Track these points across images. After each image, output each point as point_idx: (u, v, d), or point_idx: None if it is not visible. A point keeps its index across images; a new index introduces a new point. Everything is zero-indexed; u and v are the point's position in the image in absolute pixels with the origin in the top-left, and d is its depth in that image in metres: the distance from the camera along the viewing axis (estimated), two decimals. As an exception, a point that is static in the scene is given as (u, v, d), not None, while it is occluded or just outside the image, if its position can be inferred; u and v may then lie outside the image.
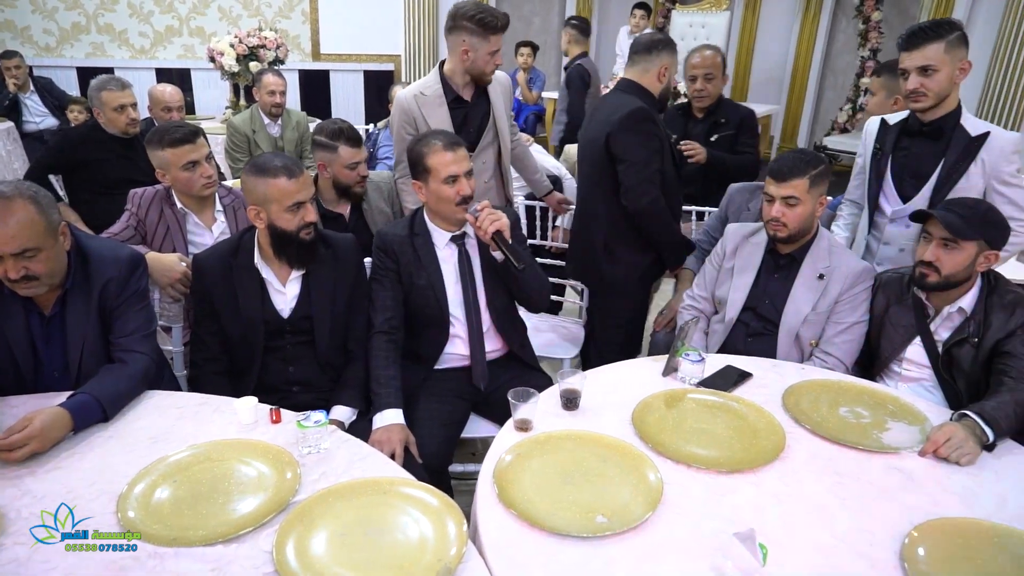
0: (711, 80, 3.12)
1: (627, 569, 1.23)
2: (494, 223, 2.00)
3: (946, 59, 2.03)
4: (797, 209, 2.05)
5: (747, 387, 1.87)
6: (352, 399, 2.00)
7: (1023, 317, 1.83)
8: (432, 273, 2.12)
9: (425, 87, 2.67)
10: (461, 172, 2.03)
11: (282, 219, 1.88)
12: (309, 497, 1.36)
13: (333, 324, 2.03)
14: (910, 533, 1.31)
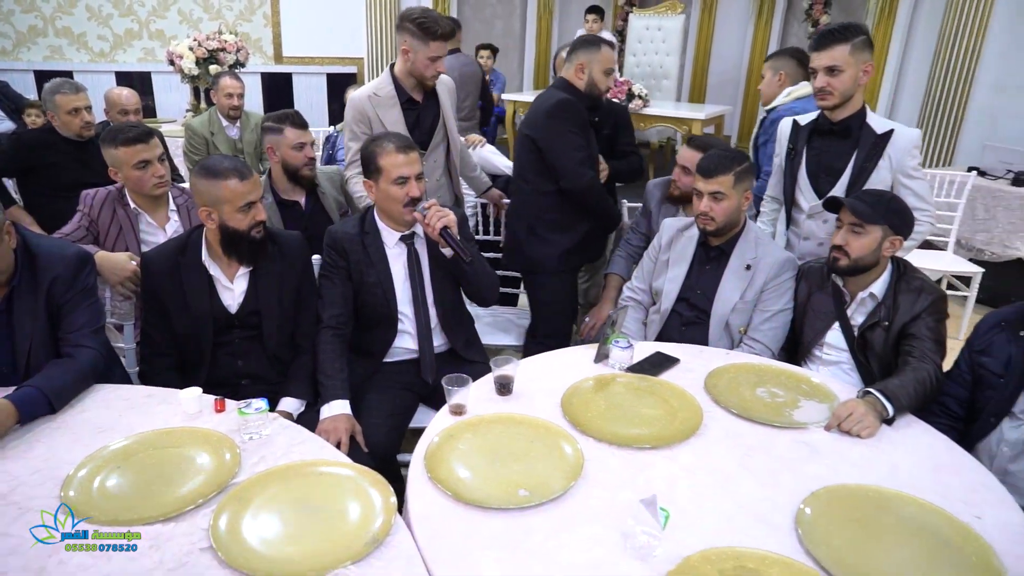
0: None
1: (544, 536, 1.33)
2: (441, 219, 2.08)
3: (851, 60, 2.18)
4: (724, 203, 2.17)
5: (674, 371, 1.98)
6: (300, 391, 2.07)
7: (927, 301, 1.96)
8: (381, 271, 2.19)
9: (378, 88, 2.74)
10: (411, 174, 2.11)
11: (234, 219, 1.94)
12: (247, 479, 1.44)
13: (281, 319, 2.10)
14: (806, 499, 1.42)
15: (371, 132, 2.69)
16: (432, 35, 2.57)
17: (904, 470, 1.56)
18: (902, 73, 6.25)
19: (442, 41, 2.60)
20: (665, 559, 1.26)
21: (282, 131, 2.63)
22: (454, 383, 1.72)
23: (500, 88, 6.31)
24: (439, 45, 2.60)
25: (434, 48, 2.60)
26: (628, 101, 5.50)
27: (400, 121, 2.71)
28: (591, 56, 2.63)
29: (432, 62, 2.62)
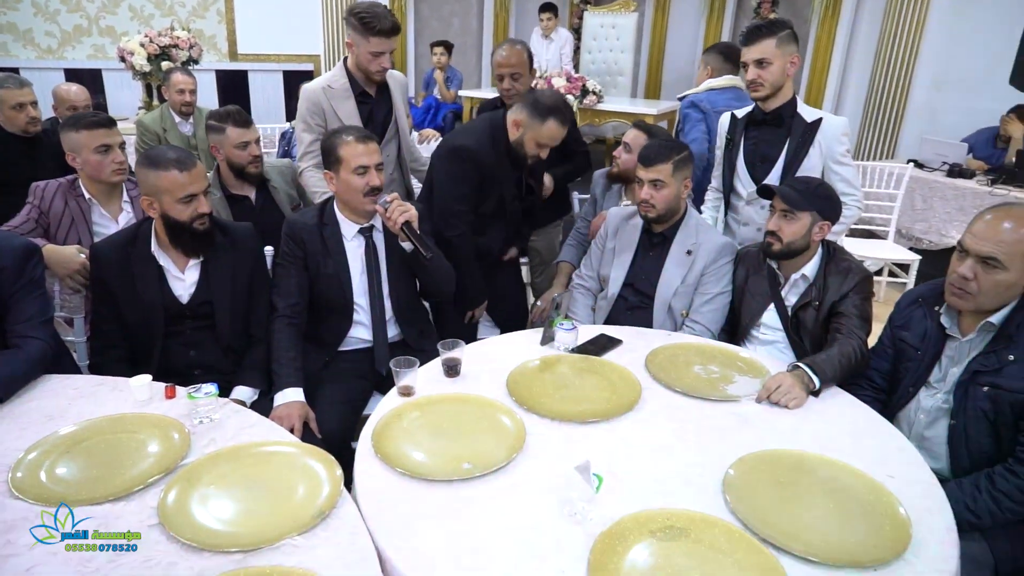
0: (518, 79, 2.94)
1: (485, 503, 1.39)
2: (403, 214, 2.12)
3: (777, 53, 2.31)
4: (664, 191, 2.26)
5: (616, 352, 2.06)
6: (253, 380, 2.10)
7: (854, 281, 2.08)
8: (339, 263, 2.22)
9: (332, 81, 2.77)
10: (371, 164, 2.14)
11: (174, 210, 1.96)
12: (195, 461, 1.47)
13: (233, 309, 2.12)
14: (732, 464, 1.51)
15: (325, 124, 2.73)
16: (371, 30, 2.59)
17: (826, 437, 1.66)
18: (846, 70, 6.47)
19: (383, 37, 2.61)
20: (599, 522, 1.33)
21: (224, 130, 2.64)
22: (402, 365, 1.77)
23: (457, 85, 6.35)
24: (379, 41, 2.62)
25: (374, 43, 2.62)
26: (582, 97, 5.59)
27: (354, 113, 2.74)
28: (535, 127, 2.46)
29: (374, 57, 2.64)
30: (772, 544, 1.28)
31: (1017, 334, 1.66)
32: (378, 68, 2.68)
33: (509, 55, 2.92)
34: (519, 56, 2.92)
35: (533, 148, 2.51)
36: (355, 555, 1.25)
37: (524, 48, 2.96)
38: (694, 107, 3.21)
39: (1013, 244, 1.61)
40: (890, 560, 1.26)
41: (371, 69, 2.68)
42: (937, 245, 4.62)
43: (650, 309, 2.40)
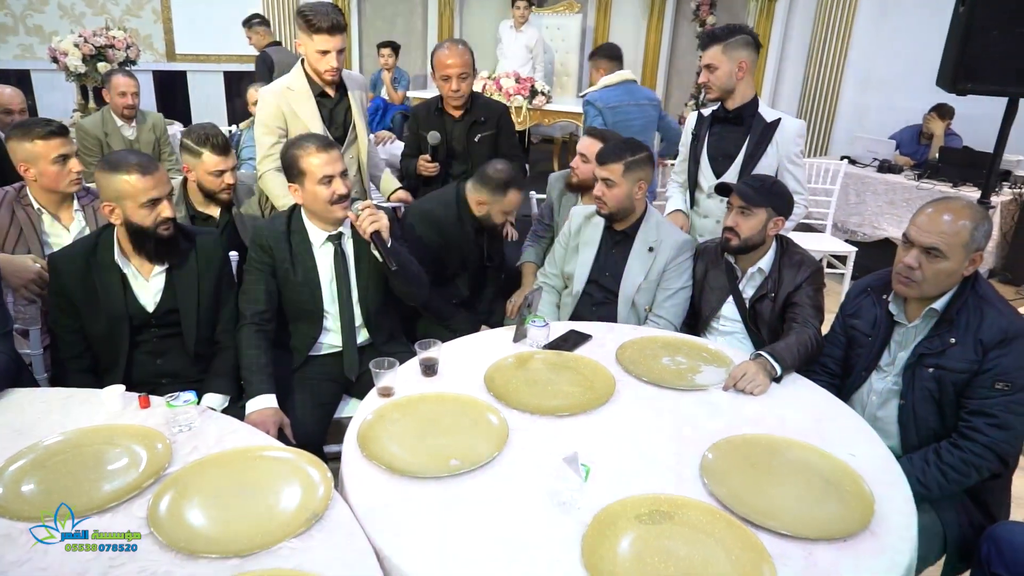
0: (466, 79, 2.97)
1: (475, 499, 1.43)
2: (373, 224, 2.10)
3: (723, 58, 2.47)
4: (614, 190, 2.34)
5: (587, 347, 2.12)
6: (223, 387, 2.07)
7: (806, 273, 2.19)
8: (308, 270, 2.20)
9: (291, 82, 2.75)
10: (336, 172, 2.11)
11: (137, 215, 1.92)
12: (181, 468, 1.46)
13: (200, 316, 2.09)
14: (708, 449, 1.59)
15: (286, 126, 2.70)
16: (314, 28, 2.58)
17: (791, 420, 1.76)
18: (781, 71, 6.73)
19: (327, 35, 2.59)
20: (587, 510, 1.38)
21: (200, 155, 2.51)
22: (381, 366, 1.78)
23: (404, 86, 6.33)
24: (323, 39, 2.59)
25: (319, 42, 2.60)
26: (531, 98, 5.66)
27: (315, 115, 2.72)
28: (499, 201, 2.59)
29: (321, 56, 2.62)
30: (750, 522, 1.35)
31: (957, 318, 1.79)
32: (327, 67, 2.65)
33: (457, 56, 2.92)
34: (465, 57, 2.94)
35: (501, 217, 2.66)
36: (353, 554, 1.27)
37: (467, 48, 2.99)
38: (591, 105, 3.63)
39: (952, 235, 1.74)
40: (857, 531, 1.35)
41: (319, 68, 2.66)
42: (871, 237, 4.87)
43: (614, 305, 2.47)
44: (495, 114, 3.18)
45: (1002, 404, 1.71)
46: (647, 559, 1.26)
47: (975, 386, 1.74)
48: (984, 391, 1.73)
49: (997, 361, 1.72)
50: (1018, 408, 1.72)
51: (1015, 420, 1.72)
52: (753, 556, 1.27)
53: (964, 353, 1.76)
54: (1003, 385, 1.71)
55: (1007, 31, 2.64)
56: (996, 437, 1.71)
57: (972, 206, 1.80)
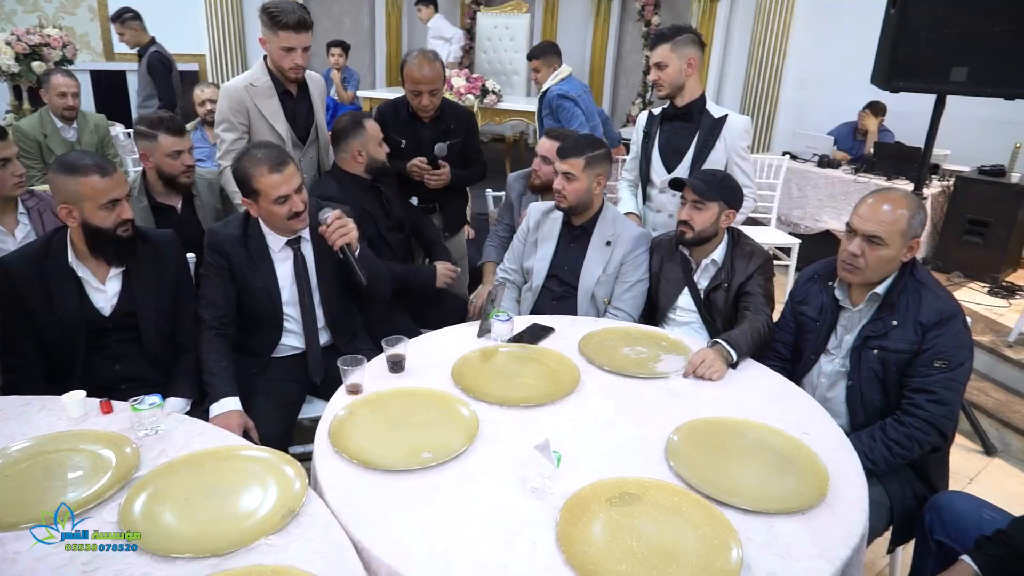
0: (436, 94, 2.97)
1: (450, 489, 1.45)
2: (343, 236, 2.10)
3: (672, 57, 2.55)
4: (575, 184, 2.39)
5: (550, 340, 2.17)
6: (184, 390, 2.05)
7: (757, 264, 2.29)
8: (267, 275, 2.17)
9: (254, 79, 2.72)
10: (291, 191, 2.06)
11: (97, 217, 1.88)
12: (151, 471, 1.44)
13: (159, 319, 2.05)
14: (670, 435, 1.65)
15: (249, 122, 2.68)
16: (278, 24, 2.56)
17: (747, 403, 1.84)
18: (724, 71, 6.93)
19: (292, 32, 2.58)
20: (559, 495, 1.43)
21: (156, 137, 2.49)
22: (349, 363, 1.79)
23: (354, 85, 6.28)
24: (288, 35, 2.58)
25: (283, 38, 2.58)
26: (483, 97, 5.69)
27: (279, 111, 2.71)
28: (362, 139, 2.67)
29: (286, 53, 2.61)
30: (715, 500, 1.42)
31: (898, 302, 1.90)
32: (291, 65, 2.64)
33: (428, 71, 2.88)
34: (436, 72, 2.91)
35: (378, 149, 2.72)
36: (331, 548, 1.28)
37: (438, 61, 2.96)
38: (566, 99, 3.73)
39: (891, 224, 1.85)
40: (814, 504, 1.43)
41: (284, 66, 2.65)
42: (812, 229, 5.06)
43: (574, 299, 2.53)
44: (464, 122, 3.19)
45: (941, 381, 1.83)
46: (619, 539, 1.31)
47: (916, 365, 1.86)
48: (924, 369, 1.84)
49: (935, 341, 1.83)
50: (955, 384, 1.84)
51: (952, 396, 1.84)
52: (719, 531, 1.33)
53: (905, 334, 1.86)
54: (941, 363, 1.83)
55: (933, 32, 2.80)
56: (936, 412, 1.82)
57: (909, 196, 1.91)
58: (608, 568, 1.23)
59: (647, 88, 7.06)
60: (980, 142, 5.05)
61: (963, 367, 1.85)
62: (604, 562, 1.25)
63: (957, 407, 1.89)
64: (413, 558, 1.27)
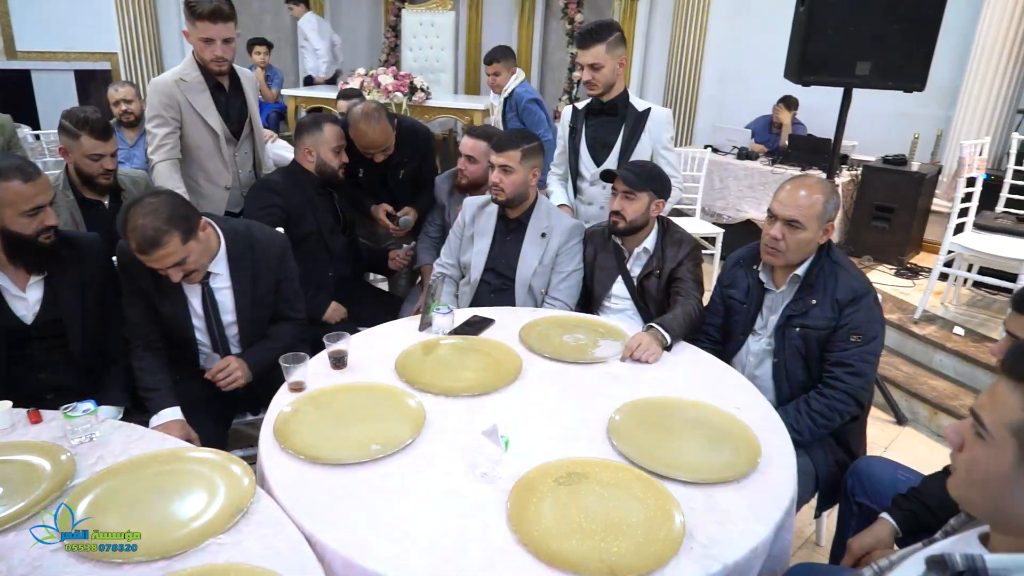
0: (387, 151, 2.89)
1: (401, 479, 1.47)
2: (231, 385, 2.03)
3: (608, 57, 2.61)
4: (512, 176, 2.44)
5: (491, 330, 2.21)
6: (116, 398, 1.98)
7: (686, 250, 2.39)
8: (177, 304, 2.05)
9: (184, 73, 2.65)
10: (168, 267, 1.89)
11: (18, 224, 1.79)
12: (89, 478, 1.40)
13: (86, 326, 1.98)
14: (612, 415, 1.71)
15: (181, 117, 2.61)
16: (195, 14, 2.51)
17: (683, 382, 1.92)
18: (646, 67, 7.11)
19: (208, 22, 2.52)
20: (508, 478, 1.46)
21: (78, 137, 2.41)
22: (291, 361, 1.78)
23: (278, 84, 6.14)
24: (206, 25, 2.52)
25: (201, 28, 2.53)
26: (411, 95, 5.66)
27: (211, 105, 2.65)
28: (315, 139, 2.66)
29: (205, 44, 2.56)
30: (657, 474, 1.48)
31: (816, 282, 2.03)
32: (212, 56, 2.58)
33: (373, 135, 2.77)
34: (384, 132, 2.80)
35: (331, 156, 2.68)
36: (284, 543, 1.28)
37: (383, 117, 2.81)
38: (535, 102, 3.80)
39: (808, 208, 1.97)
40: (748, 473, 1.52)
41: (205, 57, 2.59)
42: (735, 219, 5.27)
43: (511, 291, 2.57)
44: (419, 150, 3.13)
45: (856, 354, 1.96)
46: (568, 517, 1.35)
47: (834, 340, 1.98)
48: (842, 344, 1.97)
49: (850, 317, 1.96)
50: (869, 357, 1.98)
51: (867, 368, 1.98)
52: (662, 503, 1.39)
53: (824, 312, 1.99)
54: (856, 338, 1.96)
55: (839, 29, 2.97)
56: (854, 384, 1.95)
57: (823, 182, 2.04)
58: (559, 545, 1.28)
59: (573, 84, 7.17)
60: (884, 133, 5.37)
61: (876, 340, 1.99)
62: (555, 539, 1.29)
63: (872, 378, 2.03)
64: (368, 547, 1.28)
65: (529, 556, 1.26)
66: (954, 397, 3.33)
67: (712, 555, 1.29)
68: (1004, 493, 0.89)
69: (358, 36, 7.97)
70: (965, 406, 3.23)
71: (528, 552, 1.26)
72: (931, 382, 3.48)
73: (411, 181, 3.14)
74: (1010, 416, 0.88)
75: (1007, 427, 0.88)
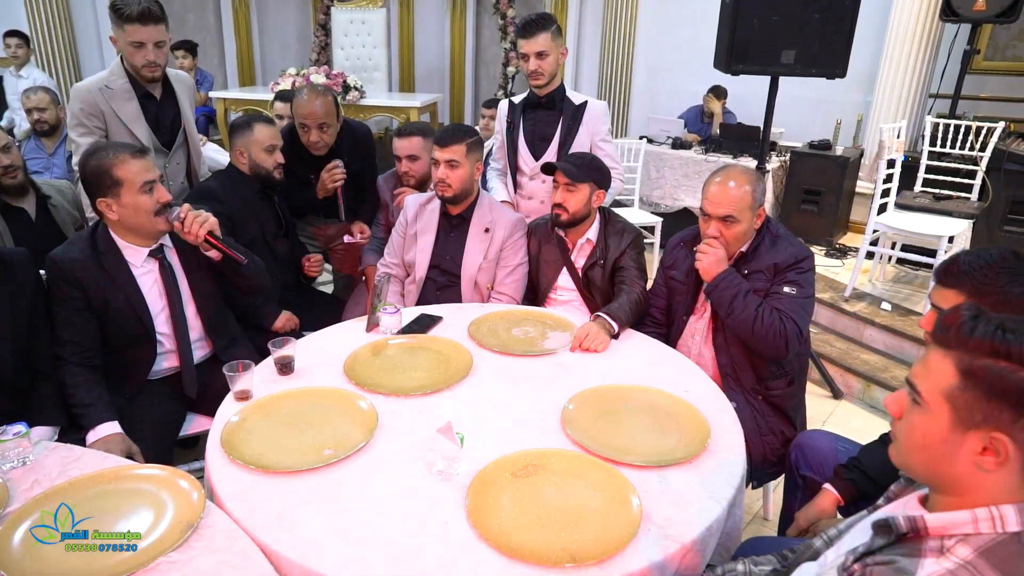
0: (326, 130, 2.89)
1: (356, 482, 1.45)
2: (204, 225, 1.98)
3: (552, 45, 2.64)
4: (458, 171, 2.43)
5: (439, 328, 2.19)
6: (50, 417, 1.89)
7: (629, 239, 2.42)
8: (130, 294, 2.01)
9: (110, 80, 2.52)
10: (156, 178, 1.96)
11: None
12: (24, 504, 1.33)
13: (16, 346, 1.87)
14: (565, 404, 1.73)
15: (106, 127, 2.49)
16: (122, 17, 2.40)
17: (632, 369, 1.96)
18: (578, 60, 7.18)
19: (138, 24, 2.40)
20: (465, 474, 1.46)
21: None
22: (235, 369, 1.73)
23: (207, 88, 5.95)
24: (135, 28, 2.41)
25: (130, 32, 2.42)
26: (345, 94, 5.57)
27: (139, 116, 2.52)
28: (246, 139, 2.60)
29: (136, 49, 2.44)
30: (612, 460, 1.51)
31: (754, 254, 2.08)
32: (144, 62, 2.47)
33: (316, 105, 2.81)
34: (327, 106, 2.83)
35: (264, 156, 2.61)
36: (237, 556, 1.25)
37: (328, 96, 2.86)
38: None
39: (739, 201, 2.02)
40: (699, 453, 1.56)
41: (136, 64, 2.47)
42: (672, 207, 5.39)
43: (457, 287, 2.56)
44: (359, 152, 3.12)
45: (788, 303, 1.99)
46: (527, 508, 1.36)
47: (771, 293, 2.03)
48: (777, 294, 2.01)
49: (786, 274, 2.02)
50: (801, 312, 2.01)
51: (799, 319, 1.99)
52: (619, 488, 1.41)
53: (759, 279, 2.05)
54: (790, 288, 2.00)
55: (764, 20, 3.06)
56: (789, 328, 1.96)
57: (748, 171, 2.09)
58: (520, 537, 1.28)
59: (507, 80, 7.19)
60: (808, 120, 5.58)
61: (809, 299, 2.04)
62: (515, 532, 1.30)
63: (805, 331, 2.04)
64: (325, 553, 1.26)
65: (490, 551, 1.26)
66: (885, 370, 3.49)
67: (669, 535, 1.31)
68: (941, 456, 0.94)
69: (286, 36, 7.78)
70: (896, 378, 3.39)
71: (489, 547, 1.27)
72: (863, 356, 3.64)
73: (352, 182, 3.09)
74: (942, 383, 0.92)
75: (941, 393, 0.92)
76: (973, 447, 0.91)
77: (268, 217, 2.70)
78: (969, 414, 0.90)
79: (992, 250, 1.44)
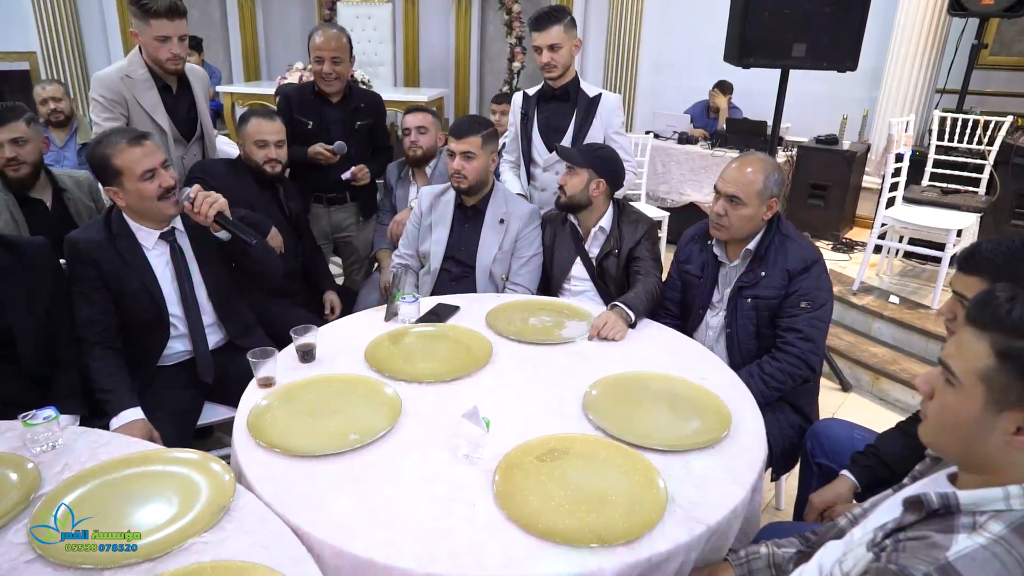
0: (339, 64, 2.91)
1: (382, 467, 1.46)
2: (213, 205, 2.00)
3: (565, 37, 2.64)
4: (474, 163, 2.44)
5: (457, 317, 2.21)
6: (70, 407, 1.90)
7: (643, 229, 2.44)
8: (144, 275, 2.04)
9: (130, 70, 2.54)
10: (157, 164, 1.97)
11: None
12: (57, 487, 1.35)
13: (37, 335, 1.89)
14: (588, 390, 1.74)
15: (128, 114, 2.51)
16: (149, 12, 2.42)
17: (650, 357, 1.97)
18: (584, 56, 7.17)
19: (165, 19, 2.43)
20: (490, 459, 1.48)
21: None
22: (259, 356, 1.74)
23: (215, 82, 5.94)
24: (161, 23, 2.44)
25: (156, 27, 2.44)
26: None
27: (159, 104, 2.55)
28: (242, 133, 2.66)
29: (161, 43, 2.46)
30: (635, 445, 1.52)
31: (766, 255, 2.10)
32: (168, 55, 2.49)
33: (330, 39, 2.87)
34: (340, 40, 2.91)
35: (255, 150, 2.62)
36: (270, 537, 1.26)
37: (344, 32, 2.95)
38: None
39: (748, 185, 2.04)
40: (720, 439, 1.57)
41: (160, 57, 2.49)
42: (679, 202, 5.39)
43: (472, 278, 2.57)
44: (373, 104, 3.19)
45: (806, 320, 2.04)
46: (554, 491, 1.38)
47: (785, 307, 2.06)
48: (792, 310, 2.05)
49: (800, 284, 2.04)
50: (818, 323, 2.06)
51: (816, 333, 2.05)
52: (642, 471, 1.43)
53: (773, 282, 2.07)
54: (806, 303, 2.04)
55: (775, 12, 3.08)
56: (805, 348, 2.03)
57: (764, 159, 2.11)
58: (548, 518, 1.30)
59: (513, 75, 7.19)
60: (813, 115, 5.58)
61: (825, 307, 2.07)
62: (543, 514, 1.31)
63: (822, 343, 2.11)
64: (356, 535, 1.27)
65: (519, 531, 1.28)
66: (893, 362, 3.50)
67: (696, 517, 1.33)
68: (974, 435, 0.95)
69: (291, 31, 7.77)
70: (904, 370, 3.41)
71: (518, 528, 1.28)
72: (871, 349, 3.65)
73: (367, 137, 3.14)
74: (977, 363, 0.94)
75: (976, 373, 0.94)
76: (1007, 427, 0.92)
77: (272, 206, 2.70)
78: (1004, 394, 0.92)
79: (1014, 237, 1.45)
